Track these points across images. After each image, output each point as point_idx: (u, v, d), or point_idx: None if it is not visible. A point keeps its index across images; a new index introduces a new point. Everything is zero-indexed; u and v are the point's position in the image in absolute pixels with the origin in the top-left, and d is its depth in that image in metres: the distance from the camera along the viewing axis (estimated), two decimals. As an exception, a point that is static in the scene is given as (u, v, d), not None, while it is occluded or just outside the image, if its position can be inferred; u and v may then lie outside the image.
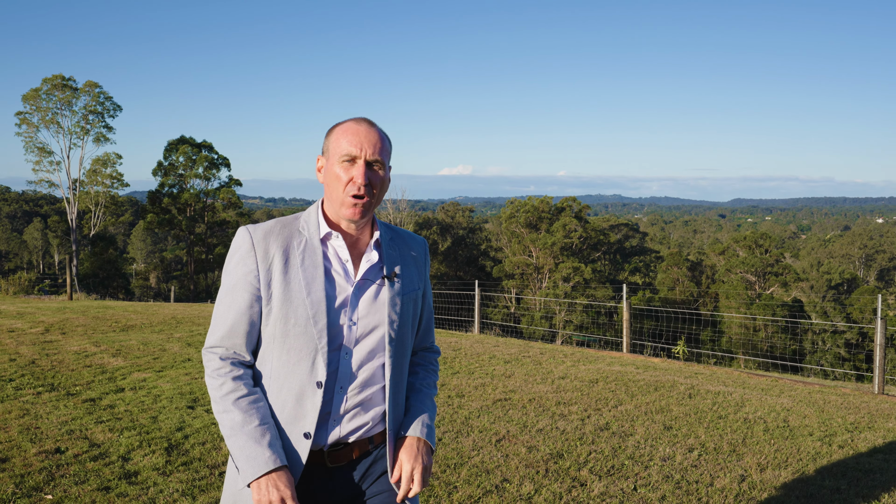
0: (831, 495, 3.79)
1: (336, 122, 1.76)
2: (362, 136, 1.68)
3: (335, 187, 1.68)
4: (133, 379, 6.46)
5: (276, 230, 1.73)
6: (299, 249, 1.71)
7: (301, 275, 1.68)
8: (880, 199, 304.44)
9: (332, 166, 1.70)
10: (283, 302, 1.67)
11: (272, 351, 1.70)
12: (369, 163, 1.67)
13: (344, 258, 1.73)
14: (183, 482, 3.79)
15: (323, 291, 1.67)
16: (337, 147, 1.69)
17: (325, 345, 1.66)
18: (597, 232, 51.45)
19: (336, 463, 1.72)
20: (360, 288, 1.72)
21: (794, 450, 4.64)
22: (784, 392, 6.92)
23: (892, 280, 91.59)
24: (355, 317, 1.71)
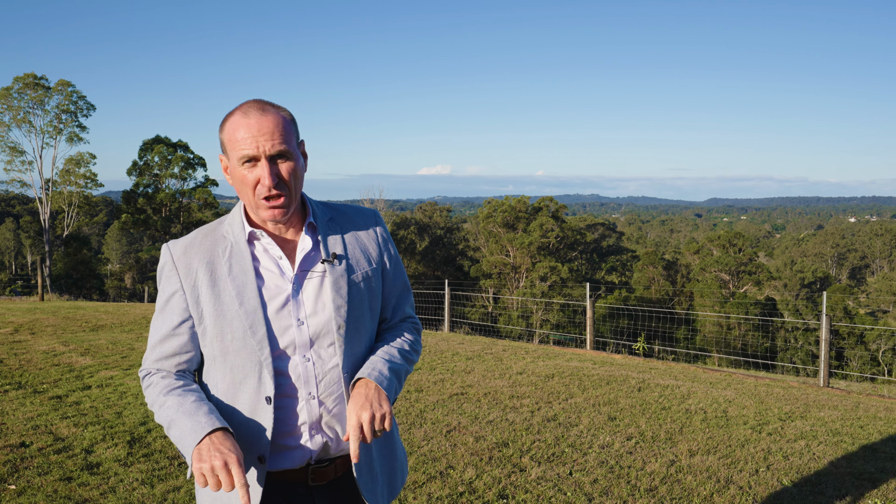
0: (749, 477, 4.09)
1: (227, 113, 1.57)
2: (255, 129, 1.50)
3: (245, 191, 1.54)
4: (100, 377, 6.61)
5: (197, 241, 1.62)
6: (225, 257, 1.58)
7: (230, 284, 1.55)
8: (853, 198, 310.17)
9: (235, 168, 1.54)
10: (216, 317, 1.56)
11: (215, 371, 1.60)
12: (273, 157, 1.51)
13: (276, 255, 1.59)
14: (143, 472, 3.99)
15: (257, 298, 1.54)
16: (233, 147, 1.53)
17: (267, 356, 1.53)
18: (573, 231, 52.01)
19: (318, 482, 1.61)
20: (299, 282, 1.58)
21: (725, 437, 4.95)
22: (731, 385, 7.25)
23: (864, 278, 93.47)
24: (302, 314, 1.57)
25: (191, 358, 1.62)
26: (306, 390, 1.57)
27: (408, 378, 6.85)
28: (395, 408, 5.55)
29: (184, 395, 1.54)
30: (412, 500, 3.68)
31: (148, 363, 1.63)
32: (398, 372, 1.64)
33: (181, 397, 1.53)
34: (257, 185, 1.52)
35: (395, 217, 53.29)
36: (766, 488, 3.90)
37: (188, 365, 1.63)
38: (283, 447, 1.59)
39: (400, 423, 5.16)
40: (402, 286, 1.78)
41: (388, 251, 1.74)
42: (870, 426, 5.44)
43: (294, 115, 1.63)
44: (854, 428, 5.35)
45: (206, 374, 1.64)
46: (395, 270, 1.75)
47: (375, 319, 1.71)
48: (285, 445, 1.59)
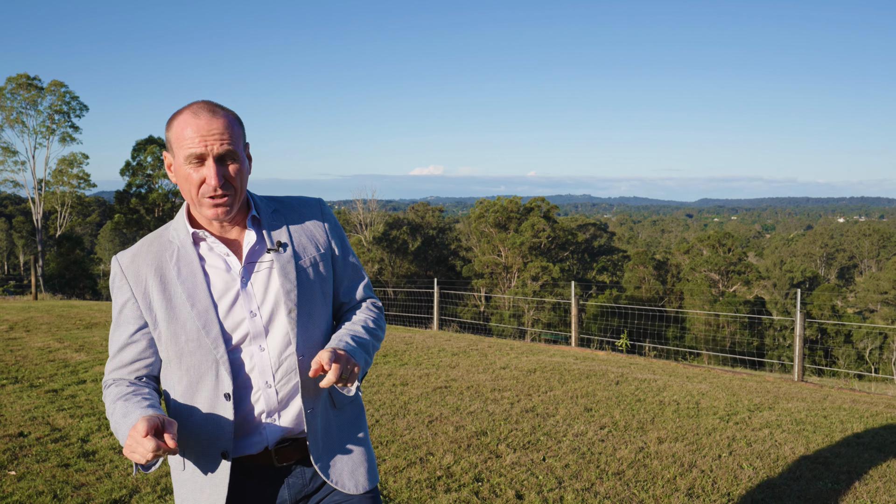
0: (711, 462, 4.33)
1: (175, 112, 1.60)
2: (204, 129, 1.52)
3: (188, 189, 1.57)
4: (95, 372, 6.81)
5: (144, 249, 1.65)
6: (173, 261, 1.61)
7: (181, 287, 1.59)
8: (841, 199, 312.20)
9: (180, 167, 1.56)
10: (169, 322, 1.59)
11: (172, 373, 1.63)
12: (220, 157, 1.54)
13: (222, 253, 1.63)
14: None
15: (208, 298, 1.59)
16: (180, 145, 1.54)
17: (223, 353, 1.58)
18: (565, 232, 52.34)
19: (284, 461, 1.65)
20: (248, 275, 1.63)
21: (694, 426, 5.19)
22: (707, 380, 7.50)
23: (852, 278, 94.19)
24: (254, 306, 1.61)
25: (150, 363, 1.65)
26: (262, 379, 1.61)
27: (393, 372, 7.07)
28: (379, 400, 5.78)
29: (127, 401, 1.56)
30: (392, 483, 3.90)
31: (107, 374, 1.66)
32: (364, 345, 1.68)
33: (125, 403, 1.55)
34: (202, 185, 1.55)
35: (388, 217, 53.49)
36: (726, 471, 4.14)
37: (148, 370, 1.65)
38: (241, 435, 1.63)
39: (384, 413, 5.38)
40: (354, 270, 1.81)
41: (336, 237, 1.77)
42: (833, 416, 5.70)
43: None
44: (818, 418, 5.61)
45: (163, 377, 1.67)
46: (345, 255, 1.78)
47: (328, 304, 1.74)
48: (246, 432, 1.63)
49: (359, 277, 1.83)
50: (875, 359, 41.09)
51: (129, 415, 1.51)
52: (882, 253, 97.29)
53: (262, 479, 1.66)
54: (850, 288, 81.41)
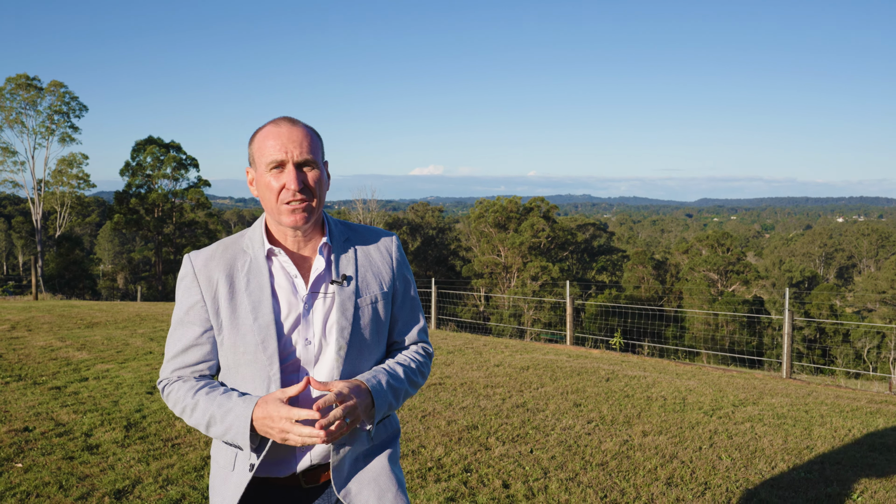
0: (692, 453, 4.49)
1: (256, 128, 1.67)
2: (285, 137, 1.58)
3: (269, 198, 1.60)
4: (97, 370, 6.97)
5: (218, 253, 1.67)
6: (244, 271, 1.64)
7: (247, 299, 1.61)
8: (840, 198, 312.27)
9: (261, 176, 1.61)
10: (231, 330, 1.61)
11: (231, 381, 1.66)
12: (299, 164, 1.59)
13: (292, 273, 1.64)
14: (139, 452, 4.35)
15: (271, 314, 1.60)
16: (262, 155, 1.60)
17: (276, 371, 1.59)
18: (564, 231, 52.51)
19: (311, 483, 1.67)
20: (311, 303, 1.64)
21: (678, 420, 5.35)
22: (696, 376, 7.67)
23: (851, 278, 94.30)
24: (310, 334, 1.63)
25: (212, 366, 1.68)
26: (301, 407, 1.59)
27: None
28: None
29: (211, 391, 1.60)
30: (384, 473, 4.05)
31: (166, 373, 1.68)
32: (396, 390, 1.66)
33: (210, 394, 1.59)
34: (282, 191, 1.58)
35: (388, 217, 53.65)
36: (705, 462, 4.31)
37: (210, 372, 1.69)
38: (273, 458, 1.64)
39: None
40: (412, 312, 1.80)
41: (401, 276, 1.77)
42: (814, 411, 5.86)
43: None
44: (799, 412, 5.77)
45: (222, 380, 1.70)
46: (406, 295, 1.78)
47: (382, 343, 1.73)
48: (278, 456, 1.64)
49: (415, 321, 1.82)
50: (873, 358, 41.24)
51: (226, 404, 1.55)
52: (881, 252, 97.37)
53: (289, 498, 1.66)
54: (849, 287, 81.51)
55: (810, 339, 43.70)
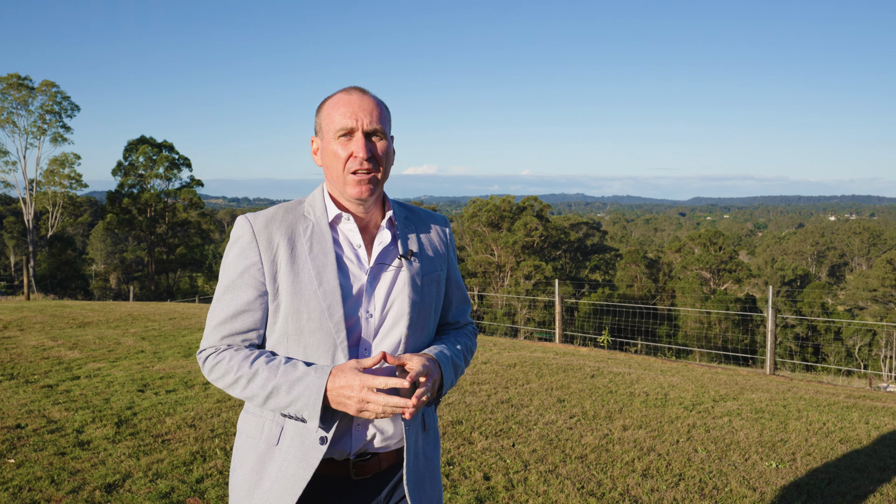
0: (669, 446, 4.62)
1: (325, 97, 1.62)
2: (356, 105, 1.54)
3: (335, 166, 1.55)
4: (88, 368, 7.05)
5: (279, 216, 1.60)
6: (306, 236, 1.57)
7: (311, 264, 1.55)
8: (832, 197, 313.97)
9: (328, 144, 1.56)
10: (293, 295, 1.53)
11: (286, 350, 1.57)
12: (368, 133, 1.54)
13: (356, 243, 1.60)
14: (130, 448, 4.45)
15: (336, 280, 1.54)
16: (330, 122, 1.55)
17: (343, 338, 1.53)
18: (557, 230, 52.72)
19: (362, 475, 1.58)
20: (374, 274, 1.59)
21: (658, 415, 5.48)
22: (680, 373, 7.80)
23: (843, 276, 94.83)
24: (372, 307, 1.58)
25: (261, 335, 1.60)
26: None
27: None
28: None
29: (272, 359, 1.53)
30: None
31: (212, 340, 1.58)
32: (457, 367, 1.67)
33: (271, 362, 1.52)
34: (349, 160, 1.54)
35: (380, 217, 53.38)
36: (681, 455, 4.43)
37: (258, 342, 1.60)
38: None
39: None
40: (462, 293, 1.80)
41: (453, 258, 1.77)
42: (791, 405, 6.01)
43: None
44: (777, 407, 5.91)
45: (278, 350, 1.59)
46: (457, 277, 1.79)
47: (436, 321, 1.72)
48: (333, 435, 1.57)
49: (466, 302, 1.82)
50: (864, 355, 41.55)
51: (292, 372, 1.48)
52: (872, 251, 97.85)
53: (336, 492, 1.59)
54: (841, 286, 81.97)
55: (802, 336, 44.01)
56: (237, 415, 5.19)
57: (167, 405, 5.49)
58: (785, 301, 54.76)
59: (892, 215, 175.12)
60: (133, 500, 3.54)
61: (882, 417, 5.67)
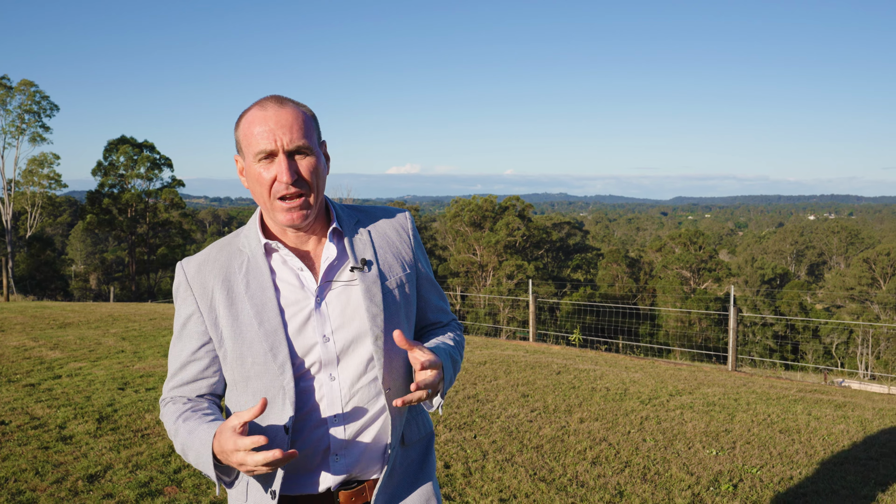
0: (620, 437, 4.94)
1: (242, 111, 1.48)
2: (272, 122, 1.40)
3: (260, 192, 1.44)
4: (69, 368, 7.25)
5: (211, 257, 1.52)
6: (241, 272, 1.48)
7: (248, 303, 1.45)
8: (812, 196, 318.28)
9: (250, 167, 1.44)
10: (235, 341, 1.46)
11: (238, 397, 1.50)
12: (291, 152, 1.41)
13: (296, 267, 1.48)
14: (111, 442, 4.68)
15: (278, 316, 1.44)
16: (248, 143, 1.42)
17: (289, 380, 1.43)
18: (539, 230, 53.21)
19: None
20: (323, 295, 1.48)
21: (615, 408, 5.81)
22: (643, 370, 8.15)
23: (822, 275, 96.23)
24: (327, 330, 1.46)
25: (213, 383, 1.53)
26: (331, 412, 1.47)
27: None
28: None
29: (191, 416, 1.47)
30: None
31: (166, 391, 1.55)
32: (455, 363, 1.58)
33: (188, 420, 1.46)
34: (273, 184, 1.42)
35: (363, 217, 53.51)
36: (630, 444, 4.76)
37: (210, 389, 1.54)
38: (304, 471, 1.50)
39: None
40: (438, 293, 1.68)
41: (421, 254, 1.64)
42: (742, 399, 6.36)
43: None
44: (728, 400, 6.26)
45: (228, 399, 1.55)
46: (428, 273, 1.65)
47: (412, 328, 1.60)
48: (306, 469, 1.49)
49: (443, 298, 1.70)
50: (842, 353, 42.35)
51: (195, 432, 1.42)
52: (850, 250, 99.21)
53: None
54: (820, 284, 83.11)
55: (781, 335, 44.78)
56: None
57: (147, 402, 5.72)
58: (764, 300, 55.59)
59: (870, 215, 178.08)
60: (114, 489, 3.79)
61: (824, 409, 6.04)
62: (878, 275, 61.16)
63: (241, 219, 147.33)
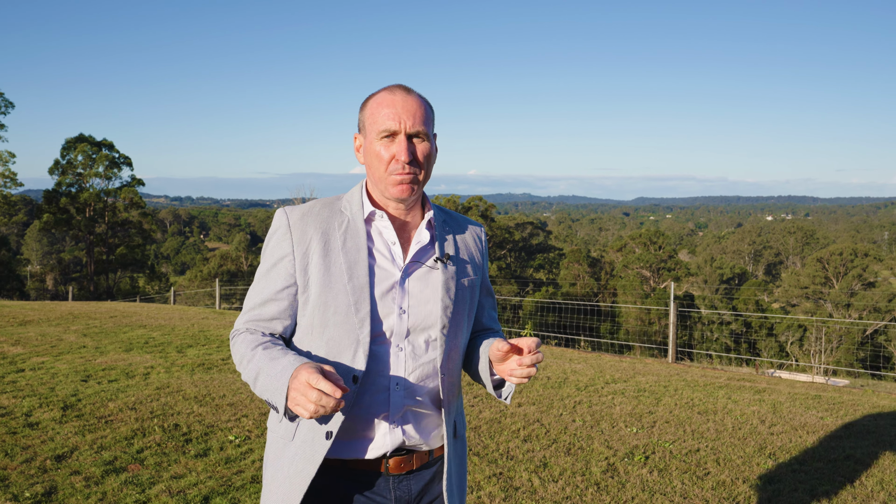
0: (553, 419, 5.41)
1: (369, 94, 1.64)
2: (399, 106, 1.56)
3: (377, 166, 1.58)
4: (32, 362, 7.44)
5: (315, 210, 1.64)
6: (340, 230, 1.60)
7: (342, 258, 1.57)
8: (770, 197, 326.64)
9: (371, 144, 1.59)
10: (323, 288, 1.56)
11: (311, 342, 1.60)
12: (410, 135, 1.56)
13: (390, 240, 1.62)
14: (76, 427, 4.96)
15: (367, 276, 1.56)
16: (373, 122, 1.58)
17: (366, 335, 1.54)
18: (502, 230, 53.92)
19: (396, 472, 1.60)
20: (409, 272, 1.60)
21: (552, 394, 6.28)
22: (587, 361, 8.66)
23: (779, 274, 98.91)
24: (405, 304, 1.58)
25: (286, 326, 1.63)
26: (394, 380, 1.57)
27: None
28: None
29: (272, 346, 1.54)
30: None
31: (240, 323, 1.64)
32: None
33: (269, 348, 1.53)
34: (391, 162, 1.56)
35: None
36: (559, 424, 5.22)
37: (283, 330, 1.64)
38: (360, 435, 1.58)
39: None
40: (493, 299, 1.82)
41: (486, 265, 1.78)
42: (671, 386, 6.90)
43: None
44: (659, 387, 6.79)
45: (299, 343, 1.63)
46: (488, 284, 1.80)
47: (470, 326, 1.72)
48: (362, 434, 1.58)
49: (494, 308, 1.84)
50: (796, 350, 43.83)
51: (278, 360, 1.48)
52: (805, 249, 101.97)
53: (369, 488, 1.60)
54: (777, 283, 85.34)
55: (737, 333, 46.14)
56: (175, 399, 5.76)
57: (109, 392, 6.00)
58: (721, 299, 57.09)
59: (826, 215, 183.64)
60: (80, 467, 4.10)
61: (743, 394, 6.61)
62: (831, 274, 63.04)
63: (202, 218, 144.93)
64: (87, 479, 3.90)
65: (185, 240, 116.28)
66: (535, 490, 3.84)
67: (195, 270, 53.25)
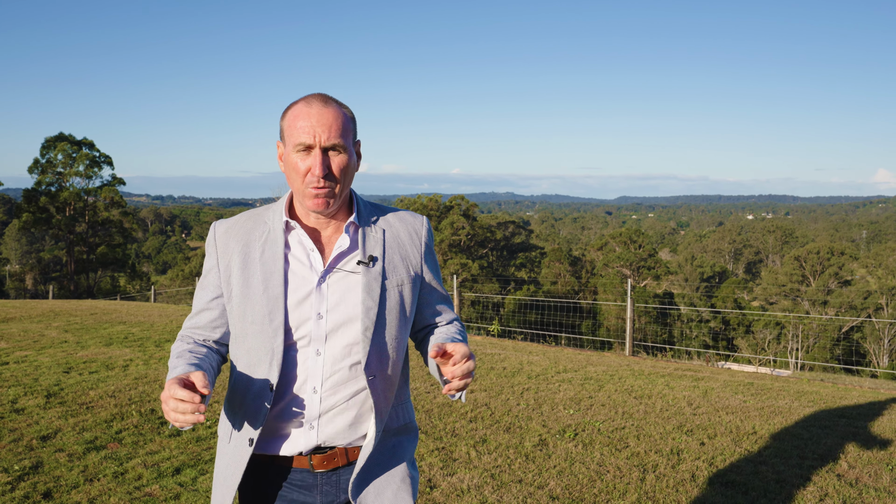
0: (500, 404, 5.91)
1: (290, 103, 1.65)
2: (314, 119, 1.57)
3: (295, 178, 1.61)
4: (16, 356, 7.83)
5: (240, 223, 1.71)
6: (260, 241, 1.67)
7: (260, 269, 1.64)
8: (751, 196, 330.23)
9: (289, 155, 1.61)
10: (241, 299, 1.64)
11: (235, 351, 1.69)
12: (326, 149, 1.58)
13: (308, 247, 1.66)
14: (59, 412, 5.39)
15: (282, 286, 1.62)
16: (290, 134, 1.60)
17: (280, 343, 1.60)
18: (484, 229, 54.43)
19: (321, 468, 1.67)
20: (327, 278, 1.65)
21: (504, 383, 6.79)
22: (546, 355, 9.18)
23: (759, 272, 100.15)
24: (323, 308, 1.63)
25: (223, 332, 1.73)
26: (312, 384, 1.63)
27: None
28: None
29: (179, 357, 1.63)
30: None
31: (183, 329, 1.75)
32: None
33: (177, 360, 1.62)
34: (307, 174, 1.58)
35: (309, 215, 53.63)
36: (505, 407, 5.73)
37: (218, 336, 1.73)
38: (279, 434, 1.67)
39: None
40: (439, 293, 1.82)
41: (429, 261, 1.77)
42: (617, 375, 7.44)
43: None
44: (605, 376, 7.32)
45: (231, 351, 1.72)
46: (434, 280, 1.79)
47: (407, 327, 1.72)
48: (281, 433, 1.67)
49: (445, 300, 1.84)
50: (774, 347, 44.76)
51: (174, 370, 1.57)
52: (784, 248, 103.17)
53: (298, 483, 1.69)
54: (756, 282, 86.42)
55: (716, 330, 47.01)
56: (152, 388, 6.19)
57: (90, 382, 6.42)
58: (701, 297, 57.97)
59: (805, 214, 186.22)
60: (64, 446, 4.54)
61: (682, 381, 7.16)
62: (808, 272, 64.01)
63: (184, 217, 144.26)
64: (70, 456, 4.34)
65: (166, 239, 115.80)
66: (471, 460, 4.33)
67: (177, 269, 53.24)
